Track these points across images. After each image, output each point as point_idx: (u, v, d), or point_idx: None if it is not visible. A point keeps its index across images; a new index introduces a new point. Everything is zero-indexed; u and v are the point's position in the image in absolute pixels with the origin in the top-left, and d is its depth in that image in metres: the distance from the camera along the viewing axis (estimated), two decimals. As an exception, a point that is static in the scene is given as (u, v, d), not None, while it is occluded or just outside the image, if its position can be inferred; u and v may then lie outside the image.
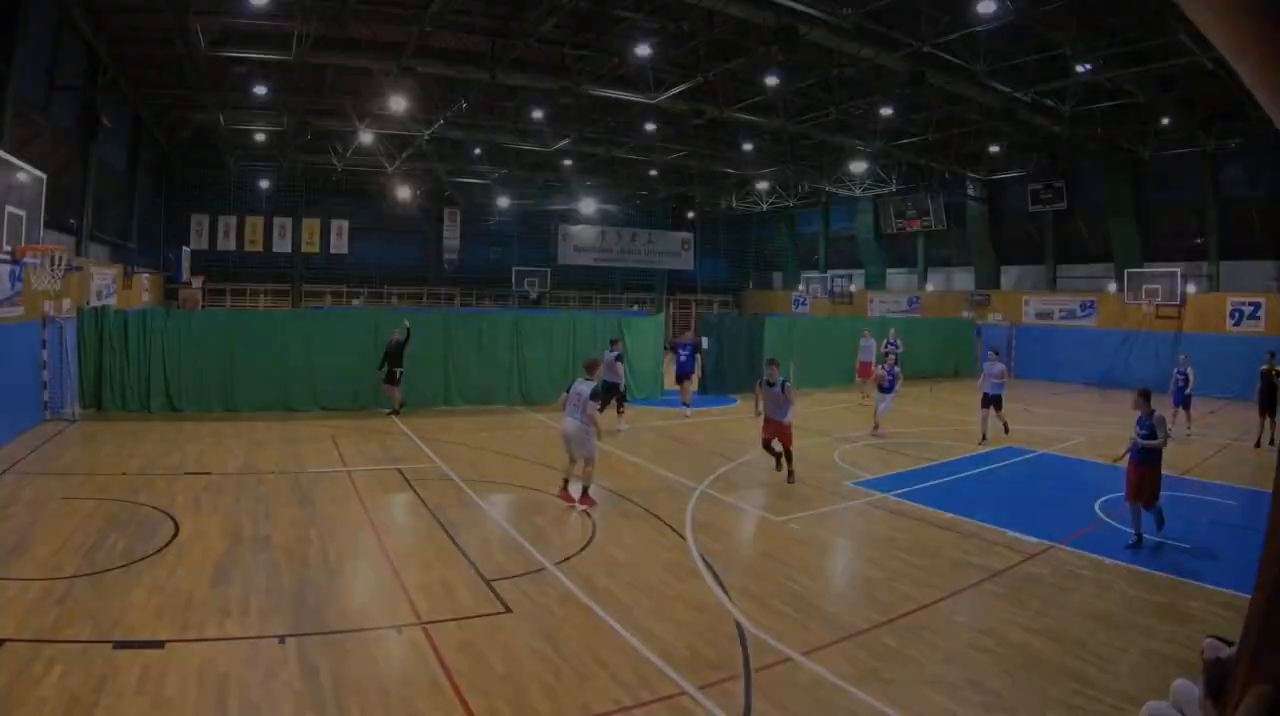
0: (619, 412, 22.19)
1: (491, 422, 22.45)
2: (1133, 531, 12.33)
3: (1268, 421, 21.85)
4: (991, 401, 21.41)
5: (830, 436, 21.81)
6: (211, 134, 40.53)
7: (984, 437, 21.20)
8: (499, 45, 27.37)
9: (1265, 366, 22.02)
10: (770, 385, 15.97)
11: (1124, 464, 12.59)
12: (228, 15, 24.46)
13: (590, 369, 14.62)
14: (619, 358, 22.65)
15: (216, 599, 9.25)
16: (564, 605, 9.54)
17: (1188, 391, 22.74)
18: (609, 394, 21.04)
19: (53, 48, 23.58)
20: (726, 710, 7.19)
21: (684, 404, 25.62)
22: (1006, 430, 21.89)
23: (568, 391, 14.05)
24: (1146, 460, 12.28)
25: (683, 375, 26.06)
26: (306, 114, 35.40)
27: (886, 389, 22.37)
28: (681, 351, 26.46)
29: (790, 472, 16.11)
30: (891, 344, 30.06)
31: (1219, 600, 10.15)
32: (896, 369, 23.06)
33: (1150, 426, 12.31)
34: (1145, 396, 12.61)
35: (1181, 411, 22.81)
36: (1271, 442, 21.55)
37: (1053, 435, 22.98)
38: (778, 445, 16.23)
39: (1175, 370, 23.34)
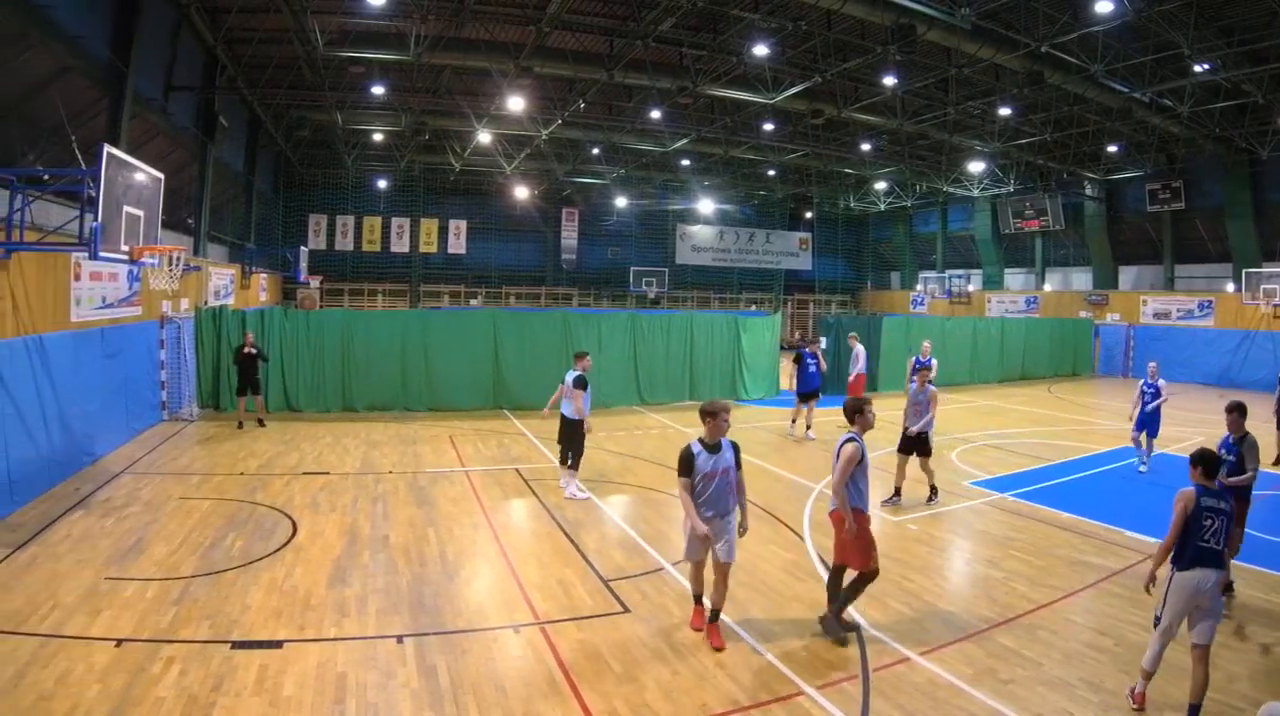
0: (564, 463, 14.96)
1: (609, 423, 22.30)
2: None
3: None
4: (913, 443, 14.75)
5: (948, 436, 21.30)
6: (329, 134, 41.88)
7: (897, 492, 14.72)
8: (617, 45, 27.79)
9: None
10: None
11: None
12: (345, 15, 25.18)
13: (707, 417, 8.60)
14: (583, 383, 14.59)
15: (334, 598, 9.39)
16: (682, 605, 9.48)
17: (1156, 404, 17.65)
18: (570, 438, 14.79)
19: (171, 48, 24.40)
20: (844, 710, 7.23)
21: (807, 427, 21.09)
22: (932, 495, 14.77)
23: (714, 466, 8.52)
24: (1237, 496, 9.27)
25: (810, 392, 21.18)
26: (424, 114, 36.15)
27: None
28: (810, 361, 21.34)
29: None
30: (922, 363, 20.77)
31: (1337, 601, 10.17)
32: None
33: (1240, 453, 9.99)
34: (1241, 411, 10.24)
35: (1144, 437, 17.77)
36: None
37: (1170, 435, 22.22)
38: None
39: (1143, 382, 17.95)
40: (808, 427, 21.24)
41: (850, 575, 8.87)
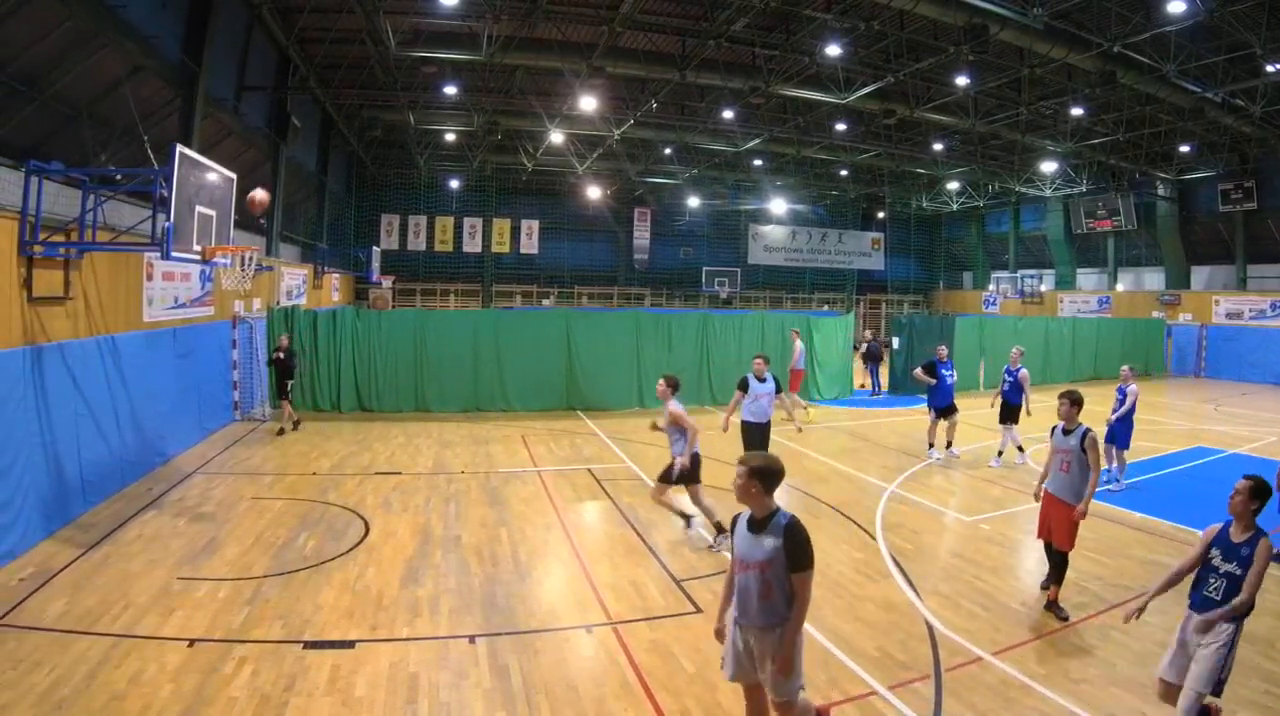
0: None
1: (682, 423, 22.34)
2: None
3: None
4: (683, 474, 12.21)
5: (1021, 436, 21.00)
6: (401, 134, 42.32)
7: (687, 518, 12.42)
8: (689, 45, 27.77)
9: None
10: (1066, 433, 9.82)
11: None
12: (418, 15, 25.39)
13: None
14: (739, 384, 14.84)
15: (406, 598, 9.41)
16: (753, 605, 9.40)
17: (1123, 411, 16.38)
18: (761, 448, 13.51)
19: (243, 48, 24.79)
20: (917, 710, 7.25)
21: (948, 444, 18.58)
22: (688, 522, 12.41)
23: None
24: None
25: (947, 406, 18.85)
26: (496, 114, 36.35)
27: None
28: (944, 371, 18.95)
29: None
30: (1011, 374, 18.32)
31: None
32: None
33: None
34: None
35: (1114, 449, 15.99)
36: None
37: (1243, 435, 22.54)
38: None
39: (1118, 387, 16.93)
40: (949, 444, 18.64)
41: None
